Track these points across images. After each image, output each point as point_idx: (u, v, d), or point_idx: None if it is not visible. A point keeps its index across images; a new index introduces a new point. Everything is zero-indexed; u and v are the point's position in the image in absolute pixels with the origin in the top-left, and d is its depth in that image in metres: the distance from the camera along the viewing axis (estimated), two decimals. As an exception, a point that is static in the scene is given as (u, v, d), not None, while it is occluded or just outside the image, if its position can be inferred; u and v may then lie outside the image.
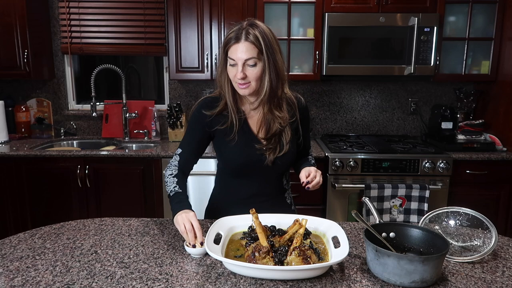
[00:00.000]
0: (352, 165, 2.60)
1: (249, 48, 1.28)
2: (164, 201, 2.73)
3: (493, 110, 2.95)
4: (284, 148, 1.42)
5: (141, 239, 1.33)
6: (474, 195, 2.66)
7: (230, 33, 1.32)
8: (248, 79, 1.32)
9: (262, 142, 1.42)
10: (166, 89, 3.33)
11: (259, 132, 1.44)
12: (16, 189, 2.71)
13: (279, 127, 1.40)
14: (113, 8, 3.13)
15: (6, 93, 3.22)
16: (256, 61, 1.30)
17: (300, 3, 2.80)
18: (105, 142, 3.21)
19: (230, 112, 1.40)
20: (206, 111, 1.41)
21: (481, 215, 1.32)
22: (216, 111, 1.41)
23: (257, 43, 1.29)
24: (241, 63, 1.30)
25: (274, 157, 1.42)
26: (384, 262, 1.05)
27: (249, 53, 1.29)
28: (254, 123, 1.44)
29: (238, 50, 1.29)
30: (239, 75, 1.30)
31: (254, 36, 1.29)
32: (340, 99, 3.26)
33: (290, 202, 1.58)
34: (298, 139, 1.50)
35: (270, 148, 1.41)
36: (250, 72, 1.31)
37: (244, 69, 1.30)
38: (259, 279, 1.08)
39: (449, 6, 2.79)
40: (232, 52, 1.30)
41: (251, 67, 1.31)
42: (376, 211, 1.33)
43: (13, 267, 1.14)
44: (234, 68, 1.32)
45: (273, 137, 1.41)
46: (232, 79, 1.34)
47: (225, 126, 1.41)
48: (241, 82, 1.32)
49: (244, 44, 1.28)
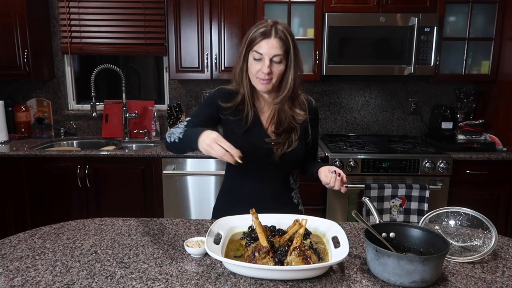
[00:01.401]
0: (352, 165, 2.60)
1: (278, 45, 1.33)
2: (164, 201, 2.73)
3: (493, 110, 2.95)
4: (293, 144, 1.44)
5: (141, 239, 1.33)
6: (474, 195, 2.66)
7: (257, 28, 1.35)
8: (271, 75, 1.35)
9: (271, 136, 1.45)
10: (166, 89, 3.33)
11: (269, 128, 1.46)
12: (16, 189, 2.71)
13: (291, 124, 1.43)
14: (113, 8, 3.13)
15: (6, 93, 3.22)
16: (281, 58, 1.34)
17: (300, 3, 2.80)
18: (105, 142, 3.21)
19: (246, 105, 1.43)
20: (222, 103, 1.44)
21: (481, 215, 1.32)
22: (231, 104, 1.43)
23: (286, 41, 1.34)
24: (268, 58, 1.33)
25: (282, 153, 1.43)
26: (384, 262, 1.05)
27: (278, 49, 1.33)
28: (265, 119, 1.47)
29: (268, 45, 1.32)
30: (265, 70, 1.33)
31: (283, 33, 1.34)
32: (340, 99, 3.26)
33: (297, 201, 1.58)
34: (307, 138, 1.52)
35: (279, 142, 1.43)
36: (275, 69, 1.35)
37: (270, 65, 1.34)
38: (259, 279, 1.08)
39: (449, 6, 2.79)
40: (260, 47, 1.33)
41: (277, 64, 1.35)
42: (376, 211, 1.33)
43: (13, 267, 1.14)
44: (259, 63, 1.35)
45: (283, 132, 1.44)
46: (254, 73, 1.37)
47: (237, 118, 1.44)
48: (265, 78, 1.35)
49: (274, 40, 1.32)
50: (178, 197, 2.74)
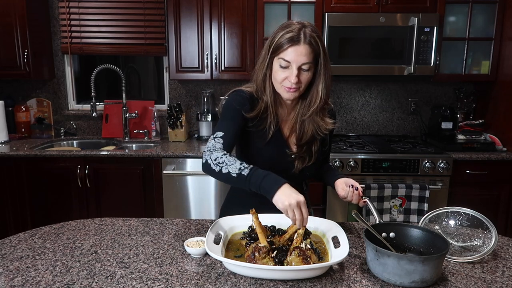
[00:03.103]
0: (352, 165, 2.60)
1: (308, 52, 1.22)
2: (164, 201, 2.73)
3: (493, 110, 2.95)
4: (313, 157, 1.39)
5: (141, 239, 1.33)
6: (474, 195, 2.66)
7: (284, 33, 1.23)
8: (299, 84, 1.25)
9: (292, 148, 1.39)
10: (166, 89, 3.33)
11: (290, 137, 1.40)
12: (16, 189, 2.71)
13: (317, 135, 1.36)
14: (113, 8, 3.13)
15: (6, 93, 3.22)
16: (310, 65, 1.24)
17: (300, 3, 2.80)
18: (105, 142, 3.21)
19: (270, 114, 1.33)
20: (246, 113, 1.31)
21: (481, 215, 1.32)
22: (254, 114, 1.32)
23: (316, 46, 1.24)
24: (296, 66, 1.22)
25: (303, 167, 1.38)
26: (384, 262, 1.05)
27: (307, 57, 1.22)
28: (286, 128, 1.40)
29: (296, 52, 1.21)
30: (293, 79, 1.23)
31: (313, 38, 1.23)
32: (340, 99, 3.26)
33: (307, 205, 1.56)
34: (325, 146, 1.46)
35: (301, 157, 1.38)
36: (303, 77, 1.25)
37: (298, 73, 1.24)
38: (259, 279, 1.08)
39: (449, 6, 2.79)
40: (287, 54, 1.22)
41: (305, 72, 1.25)
42: (376, 211, 1.33)
43: (13, 267, 1.14)
44: (286, 71, 1.24)
45: (304, 145, 1.37)
46: (280, 81, 1.26)
47: (260, 128, 1.35)
48: (293, 86, 1.25)
49: (303, 47, 1.22)
50: (178, 197, 2.74)
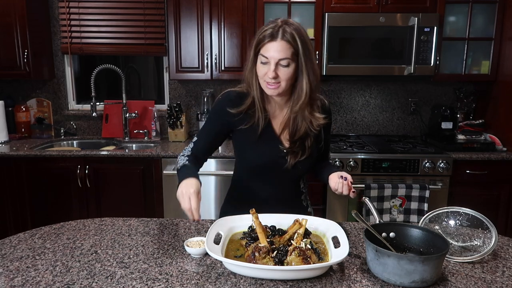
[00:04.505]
0: (352, 165, 2.60)
1: (285, 48, 1.24)
2: (164, 201, 2.73)
3: (493, 110, 2.95)
4: (306, 152, 1.39)
5: (141, 239, 1.33)
6: (474, 195, 2.66)
7: (264, 30, 1.27)
8: (278, 79, 1.27)
9: (285, 144, 1.39)
10: (166, 89, 3.33)
11: (282, 133, 1.40)
12: (16, 189, 2.71)
13: (310, 130, 1.36)
14: (113, 8, 3.13)
15: (6, 93, 3.22)
16: (289, 61, 1.25)
17: (300, 3, 2.80)
18: (105, 142, 3.21)
19: (257, 110, 1.36)
20: (231, 109, 1.36)
21: (481, 215, 1.32)
22: (242, 109, 1.36)
23: (294, 43, 1.24)
24: (274, 62, 1.25)
25: (296, 161, 1.39)
26: (384, 262, 1.05)
27: (284, 53, 1.24)
28: (278, 124, 1.40)
29: (273, 48, 1.24)
30: (270, 74, 1.25)
31: (291, 35, 1.24)
32: (340, 99, 3.26)
33: (306, 204, 1.56)
34: (320, 143, 1.45)
35: (294, 152, 1.38)
36: (282, 72, 1.26)
37: (276, 69, 1.25)
38: (259, 279, 1.08)
39: (449, 6, 2.79)
40: (265, 50, 1.25)
41: (284, 67, 1.26)
42: (376, 211, 1.33)
43: (13, 267, 1.14)
44: (265, 67, 1.27)
45: (298, 140, 1.38)
46: (261, 77, 1.30)
47: (249, 125, 1.37)
48: (272, 82, 1.27)
49: (280, 43, 1.23)
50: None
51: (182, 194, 1.22)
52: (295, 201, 1.52)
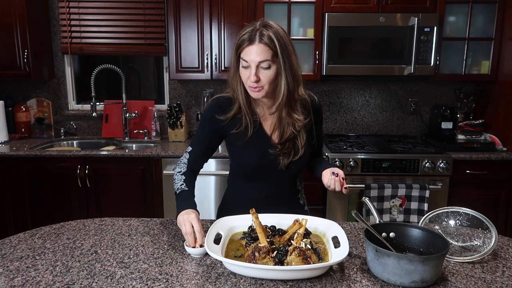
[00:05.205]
0: (352, 165, 2.60)
1: (263, 51, 1.23)
2: (164, 201, 2.73)
3: (493, 110, 2.95)
4: (299, 152, 1.39)
5: (141, 239, 1.33)
6: (474, 195, 2.66)
7: (243, 34, 1.27)
8: (261, 82, 1.26)
9: (276, 146, 1.39)
10: (166, 89, 3.33)
11: (273, 135, 1.40)
12: (16, 189, 2.71)
13: (293, 132, 1.37)
14: (113, 8, 3.13)
15: (6, 93, 3.22)
16: (270, 63, 1.25)
17: (300, 3, 2.80)
18: (105, 142, 3.21)
19: (244, 115, 1.36)
20: (220, 116, 1.37)
21: (481, 215, 1.32)
22: (230, 115, 1.36)
23: (272, 45, 1.24)
24: (254, 65, 1.25)
25: (288, 162, 1.39)
26: (384, 262, 1.05)
27: (263, 55, 1.23)
28: (268, 126, 1.41)
29: (252, 52, 1.24)
30: (252, 78, 1.25)
31: (268, 37, 1.23)
32: (340, 99, 3.26)
33: (303, 202, 1.56)
34: (312, 140, 1.46)
35: (285, 153, 1.38)
36: (264, 75, 1.26)
37: (257, 72, 1.25)
38: (259, 279, 1.08)
39: (449, 6, 2.79)
40: (245, 54, 1.25)
41: (265, 70, 1.25)
42: (376, 211, 1.32)
43: (13, 267, 1.14)
44: (247, 71, 1.27)
45: (287, 141, 1.37)
46: (245, 81, 1.29)
47: (239, 130, 1.37)
48: (254, 85, 1.27)
49: (258, 46, 1.23)
50: (178, 197, 2.73)
51: (184, 220, 1.22)
52: (292, 200, 1.52)
